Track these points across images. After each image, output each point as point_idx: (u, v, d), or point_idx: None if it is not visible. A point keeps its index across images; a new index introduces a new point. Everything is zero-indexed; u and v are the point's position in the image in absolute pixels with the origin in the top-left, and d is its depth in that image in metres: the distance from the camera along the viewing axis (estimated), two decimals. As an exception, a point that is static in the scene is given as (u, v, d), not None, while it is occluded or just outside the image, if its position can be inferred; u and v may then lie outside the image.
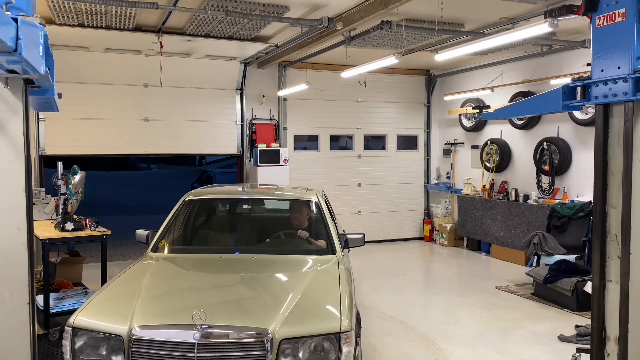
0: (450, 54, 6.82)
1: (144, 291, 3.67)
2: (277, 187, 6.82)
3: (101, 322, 3.29)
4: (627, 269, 2.65)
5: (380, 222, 11.52)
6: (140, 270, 4.17)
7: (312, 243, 4.92)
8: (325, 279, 4.12)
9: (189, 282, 4.12)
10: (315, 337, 3.21)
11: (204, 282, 4.14)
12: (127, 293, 3.70)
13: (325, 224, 4.93)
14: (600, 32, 2.77)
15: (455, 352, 5.27)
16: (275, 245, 5.08)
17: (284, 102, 10.69)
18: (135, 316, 3.27)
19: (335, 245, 4.70)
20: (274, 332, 3.14)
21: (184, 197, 5.26)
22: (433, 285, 8.33)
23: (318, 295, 3.79)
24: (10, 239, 2.48)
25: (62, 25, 7.06)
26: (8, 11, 1.96)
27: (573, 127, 8.67)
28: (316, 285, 3.93)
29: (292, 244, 5.03)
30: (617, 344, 2.72)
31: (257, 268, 4.38)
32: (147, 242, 4.81)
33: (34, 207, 2.75)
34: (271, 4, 6.37)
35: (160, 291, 3.85)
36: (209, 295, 3.80)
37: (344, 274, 4.13)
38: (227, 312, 3.42)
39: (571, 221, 7.99)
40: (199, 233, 5.41)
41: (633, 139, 2.63)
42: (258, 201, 5.97)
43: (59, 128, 8.95)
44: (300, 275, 4.19)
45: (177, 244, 4.97)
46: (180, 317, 3.27)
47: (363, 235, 5.01)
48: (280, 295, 3.69)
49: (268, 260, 4.51)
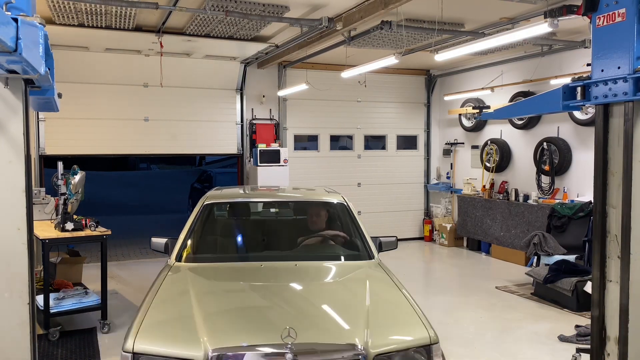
0: (450, 54, 6.82)
1: (199, 308, 3.24)
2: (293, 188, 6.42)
3: (167, 346, 2.89)
4: (627, 269, 2.65)
5: (380, 222, 11.50)
6: (178, 284, 3.76)
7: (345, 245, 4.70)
8: (382, 285, 3.84)
9: (247, 296, 3.71)
10: (407, 351, 3.01)
11: (266, 295, 3.70)
12: (178, 311, 3.31)
13: (357, 226, 4.67)
14: (600, 32, 2.77)
15: (456, 352, 5.27)
16: (313, 250, 4.67)
17: (284, 102, 10.69)
18: (209, 337, 2.89)
19: (372, 250, 4.47)
20: (367, 348, 2.90)
21: (203, 201, 4.87)
22: (433, 286, 8.33)
23: (388, 304, 3.53)
24: (10, 239, 2.47)
25: (62, 25, 7.06)
26: (8, 11, 1.96)
27: (573, 127, 8.67)
28: (379, 293, 3.65)
29: (329, 249, 4.71)
30: (617, 344, 2.72)
31: (307, 276, 4.06)
32: (167, 251, 4.42)
33: (34, 207, 2.75)
34: (271, 4, 6.37)
35: (220, 307, 3.43)
36: (284, 310, 3.39)
37: (395, 279, 3.92)
38: (313, 328, 3.09)
39: (571, 221, 7.99)
40: (225, 239, 5.02)
41: (633, 139, 2.62)
42: (283, 204, 5.54)
43: (59, 128, 8.95)
44: (355, 282, 3.93)
45: (204, 251, 4.58)
46: (267, 336, 2.93)
47: (395, 238, 4.80)
48: (352, 306, 3.38)
49: (312, 267, 4.20)
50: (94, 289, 6.45)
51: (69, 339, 5.64)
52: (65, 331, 5.79)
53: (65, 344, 5.49)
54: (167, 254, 4.39)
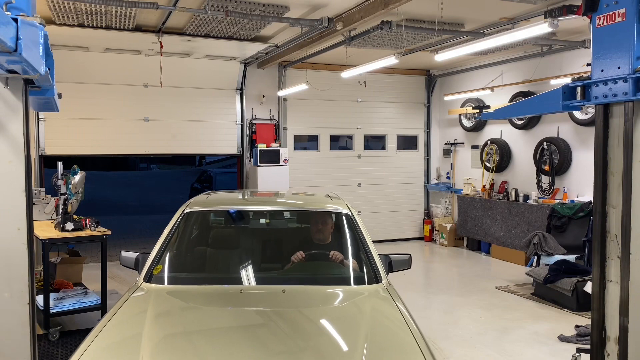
0: (450, 54, 6.82)
1: (148, 345, 2.58)
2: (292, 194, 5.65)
3: None
4: (627, 269, 2.65)
5: (380, 222, 11.51)
6: (135, 314, 3.04)
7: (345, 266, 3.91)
8: (385, 320, 3.11)
9: (209, 336, 2.84)
10: None
11: (230, 335, 2.86)
12: (125, 346, 2.70)
13: (362, 242, 3.90)
14: (600, 32, 2.77)
15: (456, 352, 5.27)
16: (306, 271, 3.93)
17: (284, 102, 10.69)
18: None
19: (380, 271, 3.68)
20: None
21: (182, 209, 4.15)
22: (433, 285, 8.32)
23: (388, 348, 2.76)
24: (10, 239, 2.47)
25: (62, 25, 7.05)
26: (8, 11, 1.96)
27: (573, 127, 8.67)
28: (379, 332, 2.91)
29: (326, 270, 3.97)
30: (617, 344, 2.72)
31: (292, 305, 3.30)
32: (137, 267, 3.79)
33: (34, 207, 2.74)
34: (271, 4, 6.36)
35: (170, 345, 2.70)
36: (250, 356, 2.55)
37: (404, 311, 3.14)
38: None
39: (571, 221, 7.99)
40: (205, 256, 4.20)
41: (633, 139, 2.62)
42: (276, 213, 4.82)
43: (59, 128, 8.95)
44: (351, 316, 3.18)
45: (178, 271, 3.85)
46: None
47: (409, 257, 4.13)
48: (342, 350, 2.72)
49: (302, 294, 3.45)
50: (94, 289, 6.45)
51: (69, 339, 5.64)
52: (65, 331, 5.79)
53: (65, 344, 5.49)
54: (138, 271, 3.74)
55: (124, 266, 3.96)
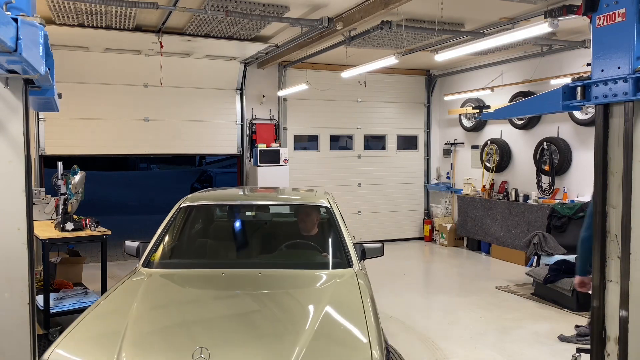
0: (450, 54, 6.82)
1: (133, 319, 3.11)
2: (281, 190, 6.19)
3: (82, 358, 2.77)
4: (627, 269, 2.65)
5: (380, 222, 11.51)
6: (130, 291, 3.60)
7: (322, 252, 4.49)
8: (345, 298, 3.56)
9: (186, 308, 3.47)
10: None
11: (204, 307, 3.48)
12: (114, 320, 3.16)
13: (338, 232, 4.39)
14: (600, 32, 2.77)
15: (455, 352, 5.27)
16: (283, 257, 4.50)
17: (284, 102, 10.69)
18: (123, 353, 2.72)
19: (352, 257, 4.13)
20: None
21: (179, 203, 4.67)
22: (433, 286, 8.32)
23: (340, 319, 3.29)
24: (10, 239, 2.47)
25: (62, 25, 7.06)
26: (8, 11, 1.96)
27: (573, 127, 8.67)
28: (336, 307, 3.39)
29: (302, 256, 4.50)
30: (617, 344, 2.72)
31: (264, 286, 3.81)
32: (138, 255, 4.27)
33: (34, 207, 2.74)
34: (271, 4, 6.37)
35: (152, 320, 3.27)
36: (210, 325, 3.14)
37: (366, 292, 3.61)
38: (234, 349, 2.82)
39: (571, 221, 7.99)
40: (197, 244, 4.80)
41: (633, 139, 2.62)
42: (263, 207, 5.34)
43: (59, 128, 8.95)
44: (315, 294, 3.66)
45: (171, 257, 4.40)
46: (178, 356, 2.71)
47: (382, 245, 4.52)
48: (297, 323, 3.12)
49: (277, 276, 3.96)
50: (94, 289, 6.45)
51: (69, 339, 5.63)
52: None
53: (65, 344, 5.48)
54: (139, 258, 4.23)
55: (127, 254, 4.38)
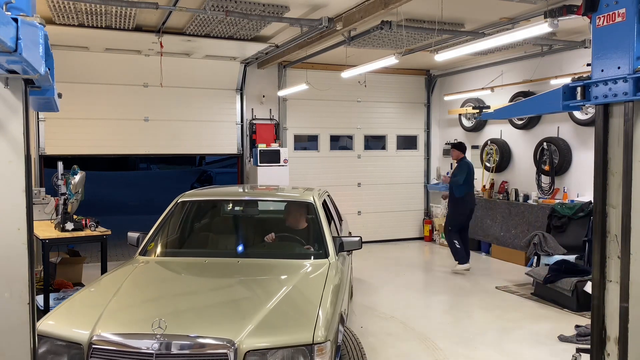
0: (450, 54, 6.82)
1: (116, 297, 3.57)
2: (276, 188, 6.59)
3: (64, 329, 3.21)
4: (627, 269, 2.65)
5: (380, 222, 11.52)
6: (120, 275, 4.07)
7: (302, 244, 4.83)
8: (310, 285, 3.94)
9: (163, 289, 3.98)
10: (284, 349, 3.07)
11: (178, 288, 4.00)
12: (99, 299, 3.60)
13: (319, 226, 4.73)
14: (600, 32, 2.77)
15: (455, 352, 5.27)
16: (265, 248, 4.89)
17: (284, 102, 10.69)
18: (99, 324, 3.17)
19: (329, 249, 4.49)
20: (240, 343, 3.02)
21: (177, 199, 5.16)
22: (433, 285, 8.33)
23: (297, 302, 3.65)
24: (10, 239, 2.47)
25: (62, 25, 7.05)
26: (8, 11, 1.96)
27: (573, 127, 8.67)
28: (298, 292, 3.78)
29: (282, 247, 4.89)
30: (617, 344, 2.72)
31: (239, 273, 4.21)
32: (138, 244, 4.71)
33: (34, 207, 2.74)
34: (271, 4, 6.37)
35: (131, 298, 3.71)
36: (178, 302, 3.63)
37: (332, 280, 3.95)
38: (191, 321, 3.27)
39: (571, 221, 7.99)
40: (189, 236, 5.26)
41: (633, 139, 2.62)
42: (251, 203, 5.71)
43: (59, 128, 8.95)
44: (283, 281, 4.01)
45: (165, 247, 4.84)
46: (141, 326, 3.14)
47: (359, 239, 4.80)
48: (256, 303, 3.52)
49: (254, 265, 4.37)
50: (94, 289, 6.43)
51: (69, 339, 5.63)
52: (65, 331, 5.78)
53: (65, 344, 5.48)
54: (138, 247, 4.69)
55: (130, 244, 4.80)
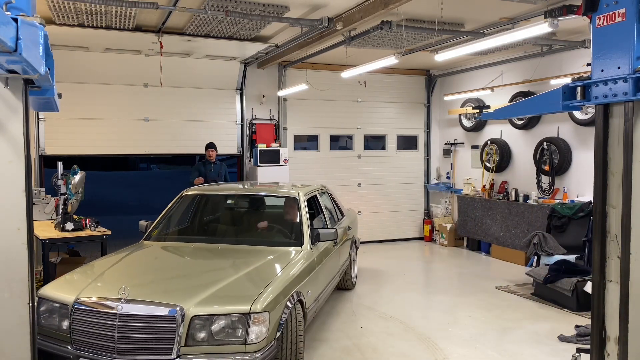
0: (450, 54, 6.82)
1: (107, 271, 4.43)
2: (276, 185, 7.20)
3: (58, 294, 4.00)
4: (627, 269, 2.65)
5: (380, 222, 11.51)
6: (121, 254, 4.96)
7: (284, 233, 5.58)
8: (270, 266, 4.59)
9: (145, 265, 4.83)
10: (225, 316, 3.67)
11: (158, 265, 4.86)
12: (93, 272, 4.45)
13: (300, 218, 5.46)
14: (600, 32, 2.77)
15: (455, 352, 5.27)
16: (251, 237, 5.68)
17: (284, 102, 10.69)
18: (83, 292, 3.94)
19: (305, 239, 5.18)
20: (187, 309, 3.66)
21: (182, 193, 6.11)
22: (433, 285, 8.32)
23: (253, 279, 4.27)
24: (10, 239, 2.47)
25: (62, 25, 7.05)
26: (8, 11, 1.96)
27: (573, 127, 8.67)
28: (257, 272, 4.43)
29: (262, 236, 5.68)
30: (617, 344, 2.72)
31: (217, 256, 4.99)
32: (146, 231, 5.65)
33: (34, 207, 2.75)
34: (271, 4, 6.37)
35: (120, 270, 4.53)
36: (150, 275, 4.53)
37: (296, 264, 4.65)
38: (153, 290, 4.06)
39: (571, 221, 7.99)
40: (187, 224, 6.12)
41: (633, 139, 2.62)
42: (243, 197, 6.59)
43: (59, 128, 8.95)
44: (250, 262, 4.64)
45: (165, 233, 5.70)
46: (112, 292, 3.84)
47: (335, 231, 5.41)
48: (216, 279, 4.18)
49: (233, 250, 5.13)
50: (94, 289, 6.43)
51: (69, 339, 5.63)
52: (65, 331, 5.77)
53: (65, 344, 5.48)
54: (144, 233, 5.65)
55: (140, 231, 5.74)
